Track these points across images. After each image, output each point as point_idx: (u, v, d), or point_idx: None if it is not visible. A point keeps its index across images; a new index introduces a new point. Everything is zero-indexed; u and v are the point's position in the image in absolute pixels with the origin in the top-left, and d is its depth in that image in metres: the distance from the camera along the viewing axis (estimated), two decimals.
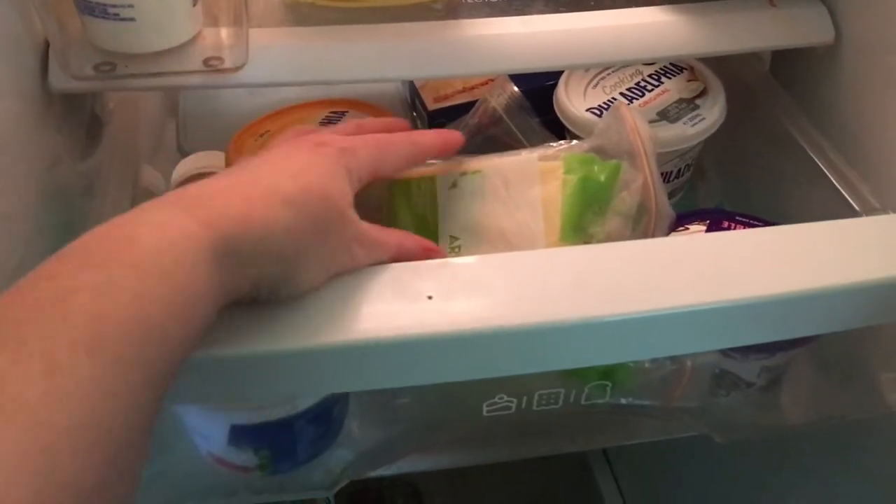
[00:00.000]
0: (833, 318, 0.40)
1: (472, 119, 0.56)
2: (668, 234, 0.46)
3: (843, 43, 0.55)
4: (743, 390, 0.48)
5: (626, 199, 0.44)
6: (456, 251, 0.44)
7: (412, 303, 0.35)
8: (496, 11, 0.54)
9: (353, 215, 0.35)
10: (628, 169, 0.44)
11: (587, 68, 0.59)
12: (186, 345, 0.27)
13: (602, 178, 0.43)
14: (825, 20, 0.56)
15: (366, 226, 0.36)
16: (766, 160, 0.61)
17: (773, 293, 0.37)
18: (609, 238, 0.43)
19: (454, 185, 0.46)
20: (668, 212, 0.45)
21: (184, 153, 0.60)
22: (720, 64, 0.61)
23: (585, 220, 0.43)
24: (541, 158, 0.45)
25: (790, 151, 0.56)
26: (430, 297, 0.35)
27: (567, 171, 0.43)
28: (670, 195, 0.61)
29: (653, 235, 0.44)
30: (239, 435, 0.44)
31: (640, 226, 0.44)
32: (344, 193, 0.35)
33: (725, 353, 0.48)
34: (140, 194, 0.52)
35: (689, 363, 0.47)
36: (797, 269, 0.38)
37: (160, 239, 0.26)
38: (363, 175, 0.37)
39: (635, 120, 0.45)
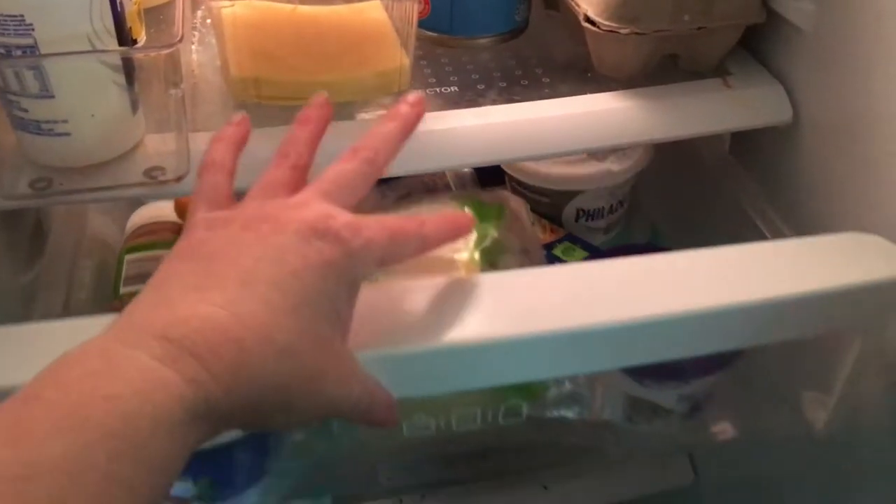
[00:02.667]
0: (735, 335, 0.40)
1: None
2: None
3: (801, 122, 0.54)
4: (664, 417, 0.47)
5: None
6: None
7: None
8: (449, 103, 0.52)
9: (348, 353, 0.32)
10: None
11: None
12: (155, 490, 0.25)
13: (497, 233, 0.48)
14: (783, 100, 0.55)
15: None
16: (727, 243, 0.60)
17: (679, 310, 0.38)
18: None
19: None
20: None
21: None
22: (680, 142, 0.60)
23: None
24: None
25: (750, 236, 0.55)
26: None
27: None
28: (605, 230, 0.64)
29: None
30: None
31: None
32: (346, 320, 0.32)
33: (640, 381, 0.48)
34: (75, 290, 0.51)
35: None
36: (702, 287, 0.39)
37: (140, 399, 0.24)
38: (370, 272, 0.34)
39: None
